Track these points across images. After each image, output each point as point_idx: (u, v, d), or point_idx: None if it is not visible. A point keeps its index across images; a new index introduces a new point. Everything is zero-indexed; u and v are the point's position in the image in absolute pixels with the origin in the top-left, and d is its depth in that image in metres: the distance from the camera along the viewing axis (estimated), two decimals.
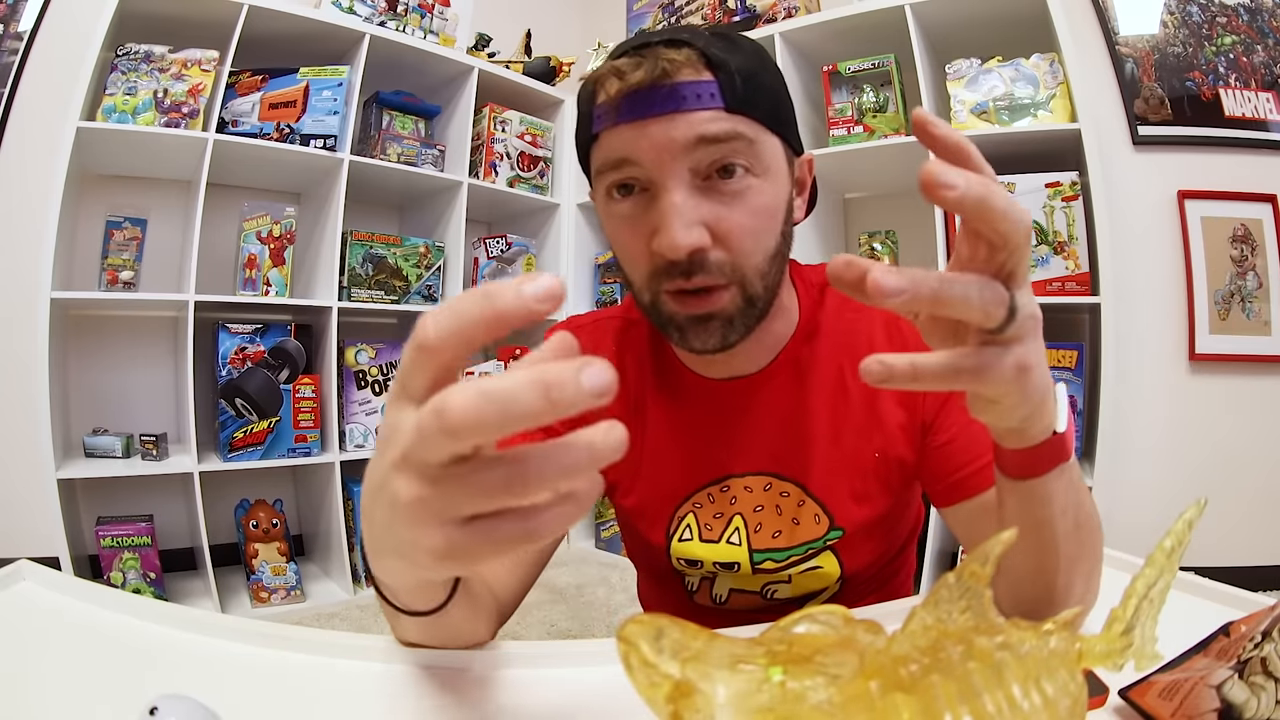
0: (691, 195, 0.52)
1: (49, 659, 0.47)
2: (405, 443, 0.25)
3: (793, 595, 0.67)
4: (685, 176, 0.52)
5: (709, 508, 0.66)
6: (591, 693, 0.45)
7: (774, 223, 0.56)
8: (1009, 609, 0.36)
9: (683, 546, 0.67)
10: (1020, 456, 0.41)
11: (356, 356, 2.08)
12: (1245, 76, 1.89)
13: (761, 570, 0.65)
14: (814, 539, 0.64)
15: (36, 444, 1.64)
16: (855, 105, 1.99)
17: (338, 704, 0.45)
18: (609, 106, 0.53)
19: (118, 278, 1.80)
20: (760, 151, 0.54)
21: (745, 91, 0.52)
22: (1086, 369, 1.72)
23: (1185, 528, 0.32)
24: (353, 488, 2.03)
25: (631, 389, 0.68)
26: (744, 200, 0.53)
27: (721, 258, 0.53)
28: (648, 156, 0.52)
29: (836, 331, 0.65)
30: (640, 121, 0.51)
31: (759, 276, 0.55)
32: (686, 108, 0.51)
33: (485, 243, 2.41)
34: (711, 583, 0.69)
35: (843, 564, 0.65)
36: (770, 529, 0.65)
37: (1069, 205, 1.70)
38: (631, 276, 0.58)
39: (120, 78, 1.76)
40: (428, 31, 2.24)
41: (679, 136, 0.51)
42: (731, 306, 0.55)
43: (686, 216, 0.51)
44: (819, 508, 0.64)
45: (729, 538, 0.65)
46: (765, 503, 0.65)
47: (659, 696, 0.26)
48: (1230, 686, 0.35)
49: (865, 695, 0.26)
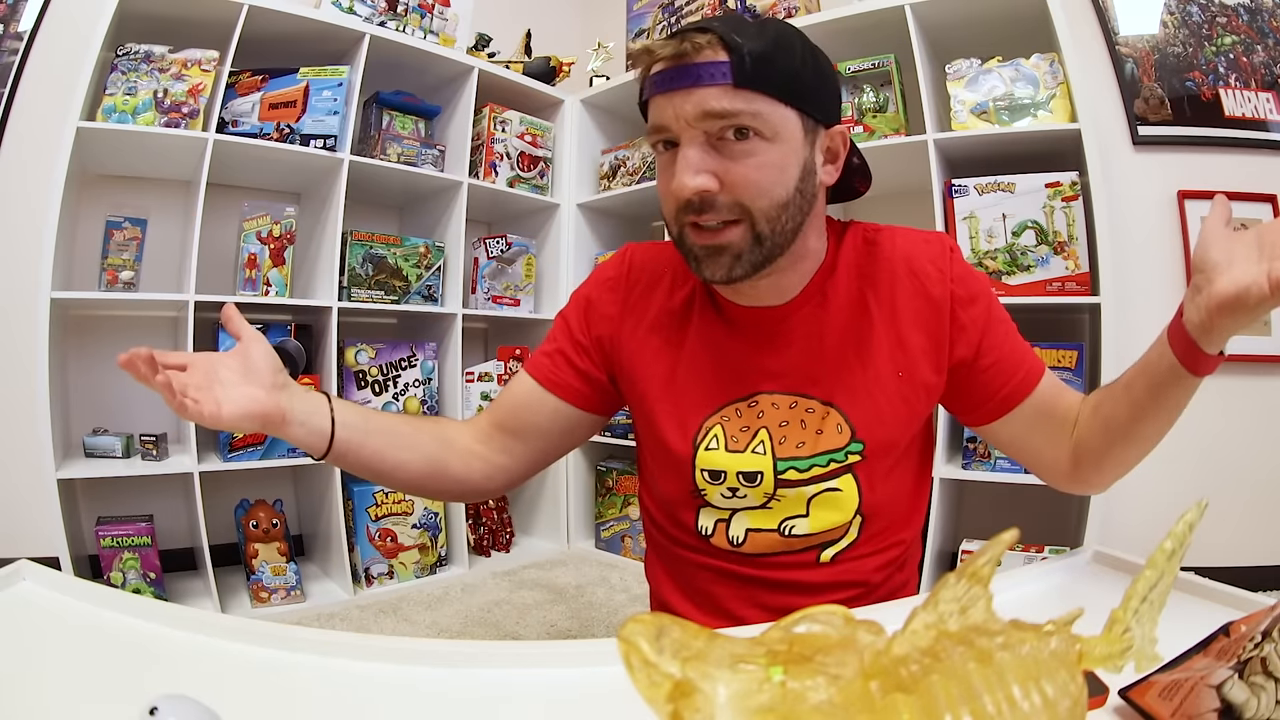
0: (702, 150, 0.63)
1: (49, 659, 0.47)
2: None
3: (811, 531, 0.71)
4: (700, 137, 0.63)
5: (736, 421, 0.73)
6: (592, 693, 0.45)
7: (783, 177, 0.65)
8: (1104, 449, 0.73)
9: (708, 455, 0.72)
10: (1212, 360, 0.62)
11: (356, 356, 2.08)
12: (1245, 76, 1.89)
13: (783, 481, 0.70)
14: (836, 448, 0.70)
15: (36, 444, 1.64)
16: (855, 105, 1.99)
17: (338, 704, 0.45)
18: (648, 79, 0.66)
19: (118, 278, 1.80)
20: (767, 120, 0.63)
21: (755, 70, 0.61)
22: (1086, 369, 1.72)
23: (1186, 529, 0.32)
24: (353, 488, 2.03)
25: (679, 303, 0.78)
26: (751, 156, 0.63)
27: (729, 200, 0.64)
28: (671, 121, 0.64)
29: (857, 264, 0.75)
30: (668, 93, 0.64)
31: (766, 219, 0.65)
32: (701, 84, 0.62)
33: (485, 243, 2.41)
34: (728, 524, 0.73)
35: (861, 491, 0.71)
36: (795, 440, 0.71)
37: (1069, 205, 1.70)
38: (665, 213, 0.69)
39: (120, 78, 1.75)
40: (428, 31, 2.24)
41: (690, 109, 0.62)
42: (741, 242, 0.65)
43: (694, 166, 0.63)
44: (841, 418, 0.71)
45: (754, 448, 0.71)
46: (791, 418, 0.72)
47: (660, 696, 0.26)
48: (1230, 686, 0.35)
49: (866, 695, 0.26)
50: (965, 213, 1.78)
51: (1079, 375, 1.71)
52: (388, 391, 2.13)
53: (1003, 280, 1.75)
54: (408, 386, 2.16)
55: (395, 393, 2.14)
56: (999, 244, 1.76)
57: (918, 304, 0.72)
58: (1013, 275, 1.75)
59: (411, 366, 2.18)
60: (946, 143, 1.83)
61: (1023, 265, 1.74)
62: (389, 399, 2.12)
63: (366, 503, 2.04)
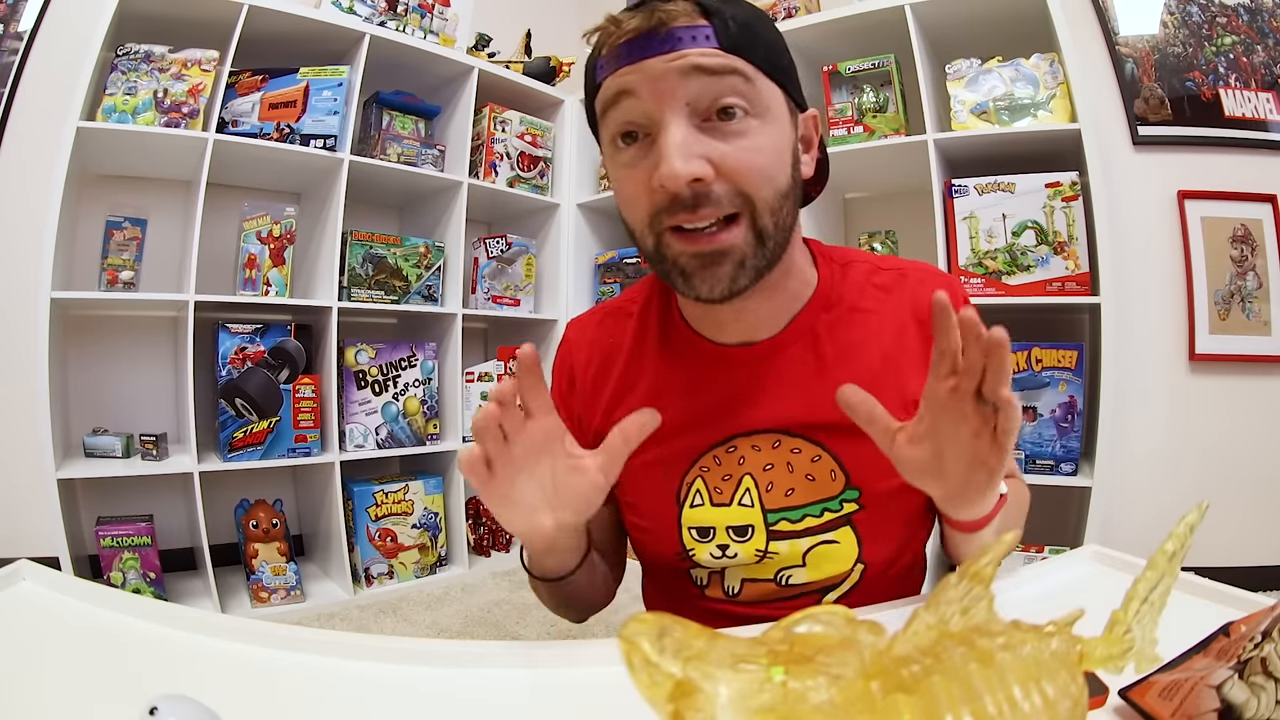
0: (692, 132, 0.53)
1: (49, 659, 0.47)
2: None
3: (809, 580, 0.64)
4: (684, 112, 0.53)
5: (716, 470, 0.65)
6: (592, 692, 0.45)
7: (781, 161, 0.57)
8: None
9: (694, 513, 0.65)
10: (967, 524, 0.54)
11: (356, 356, 2.08)
12: (1245, 76, 1.89)
13: (775, 534, 0.63)
14: (830, 496, 0.63)
15: (36, 444, 1.64)
16: (855, 105, 1.99)
17: (338, 704, 0.45)
18: (610, 55, 0.55)
19: (118, 278, 1.80)
20: (758, 93, 0.55)
21: (740, 36, 0.54)
22: (1086, 369, 1.72)
23: (1186, 531, 0.32)
24: (353, 488, 2.03)
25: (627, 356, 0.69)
26: (746, 137, 0.54)
27: (728, 189, 0.54)
28: (645, 88, 0.53)
29: (862, 307, 0.65)
30: (639, 62, 0.53)
31: (769, 211, 0.56)
32: (683, 47, 0.53)
33: (485, 243, 2.41)
34: (722, 575, 0.67)
35: (861, 543, 0.63)
36: (782, 487, 0.63)
37: (1069, 205, 1.70)
38: (633, 222, 0.59)
39: (120, 78, 1.75)
40: (428, 31, 2.24)
41: (675, 66, 0.52)
42: (743, 244, 0.55)
43: (686, 149, 0.52)
44: (835, 463, 0.62)
45: (740, 499, 0.64)
46: (775, 460, 0.63)
47: (661, 696, 0.26)
48: (1230, 686, 0.35)
49: (867, 696, 0.26)
50: (965, 213, 1.78)
51: (1079, 375, 1.71)
52: (387, 391, 2.13)
53: (1003, 280, 1.75)
54: (408, 386, 2.16)
55: (395, 393, 2.14)
56: (999, 244, 1.76)
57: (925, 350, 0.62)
58: (1013, 275, 1.75)
59: (411, 366, 2.18)
60: (946, 143, 1.83)
61: (1023, 265, 1.74)
62: (389, 399, 2.12)
63: (366, 503, 2.04)
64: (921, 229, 1.89)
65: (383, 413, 2.11)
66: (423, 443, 2.18)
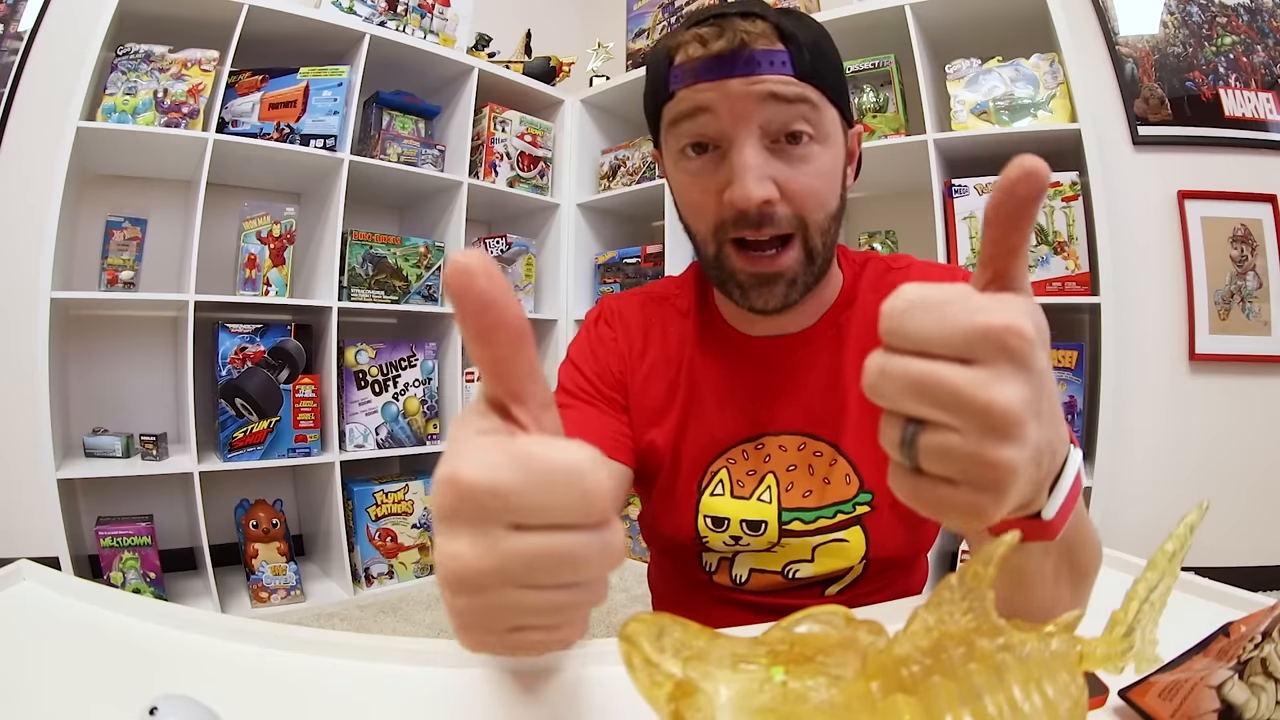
0: (762, 153, 0.57)
1: (49, 659, 0.47)
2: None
3: (815, 574, 0.67)
4: (756, 134, 0.57)
5: (742, 464, 0.67)
6: (593, 692, 0.45)
7: (835, 185, 0.61)
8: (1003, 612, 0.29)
9: (713, 501, 0.67)
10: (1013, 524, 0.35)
11: (356, 356, 2.08)
12: (1245, 76, 1.89)
13: (788, 531, 0.65)
14: (843, 500, 0.65)
15: (36, 444, 1.64)
16: (855, 105, 1.99)
17: (338, 704, 0.45)
18: (689, 68, 0.58)
19: (118, 278, 1.80)
20: (823, 119, 0.58)
21: (812, 62, 0.57)
22: (1086, 369, 1.72)
23: (1187, 531, 0.32)
24: (353, 488, 2.03)
25: (673, 345, 0.72)
26: (809, 163, 0.58)
27: (788, 212, 0.58)
28: (724, 108, 0.56)
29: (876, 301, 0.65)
30: (719, 80, 0.56)
31: (820, 233, 0.60)
32: (761, 72, 0.56)
33: (485, 243, 2.41)
34: (731, 563, 0.69)
35: (869, 542, 0.65)
36: (801, 488, 0.66)
37: (1069, 205, 1.70)
38: (697, 230, 0.63)
39: (120, 78, 1.75)
40: (428, 31, 2.24)
41: (754, 91, 0.56)
42: (796, 265, 0.60)
43: (759, 171, 0.56)
44: (850, 468, 0.65)
45: (760, 495, 0.66)
46: (798, 462, 0.66)
47: (661, 696, 0.26)
48: (1230, 687, 0.35)
49: (867, 696, 0.26)
50: (965, 213, 1.79)
51: (1079, 375, 1.71)
52: (387, 391, 2.13)
53: None
54: (407, 386, 2.16)
55: (395, 393, 2.14)
56: None
57: None
58: None
59: (411, 366, 2.18)
60: (946, 143, 1.83)
61: None
62: (389, 399, 2.12)
63: (366, 503, 2.05)
64: (922, 229, 1.89)
65: (383, 413, 2.11)
66: (423, 443, 2.18)
